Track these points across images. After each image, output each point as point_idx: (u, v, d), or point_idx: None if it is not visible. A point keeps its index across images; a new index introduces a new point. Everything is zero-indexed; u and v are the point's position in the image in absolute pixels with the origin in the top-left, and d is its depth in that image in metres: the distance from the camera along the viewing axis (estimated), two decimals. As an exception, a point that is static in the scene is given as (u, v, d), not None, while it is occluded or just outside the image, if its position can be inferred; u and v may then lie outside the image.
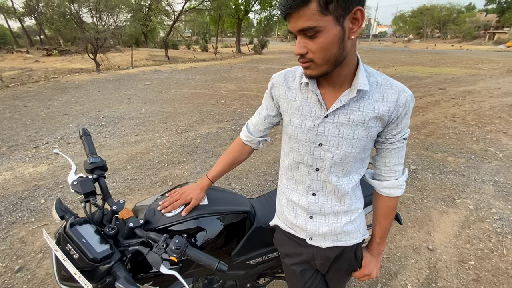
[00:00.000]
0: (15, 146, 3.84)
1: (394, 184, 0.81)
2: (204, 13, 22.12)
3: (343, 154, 0.76)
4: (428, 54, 21.91)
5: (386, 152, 0.79)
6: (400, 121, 0.73)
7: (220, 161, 1.05)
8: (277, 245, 1.03)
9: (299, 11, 0.57)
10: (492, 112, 5.42)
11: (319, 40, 0.60)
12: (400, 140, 0.76)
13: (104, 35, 12.35)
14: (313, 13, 0.57)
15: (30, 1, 25.13)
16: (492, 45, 38.16)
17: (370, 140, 0.75)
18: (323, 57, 0.63)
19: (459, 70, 11.77)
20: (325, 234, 0.87)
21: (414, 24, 58.57)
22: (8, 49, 21.31)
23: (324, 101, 0.74)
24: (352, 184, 0.82)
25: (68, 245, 0.76)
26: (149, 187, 2.84)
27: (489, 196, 2.66)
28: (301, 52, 0.63)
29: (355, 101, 0.71)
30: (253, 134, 1.00)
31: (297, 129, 0.79)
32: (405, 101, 0.71)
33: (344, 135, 0.73)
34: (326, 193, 0.83)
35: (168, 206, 0.94)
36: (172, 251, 0.76)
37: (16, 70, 12.15)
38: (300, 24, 0.59)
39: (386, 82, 0.72)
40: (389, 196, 0.84)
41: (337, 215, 0.86)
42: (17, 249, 2.01)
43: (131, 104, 6.18)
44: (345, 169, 0.79)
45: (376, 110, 0.71)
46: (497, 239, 2.11)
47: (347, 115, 0.72)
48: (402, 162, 0.81)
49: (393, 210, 0.86)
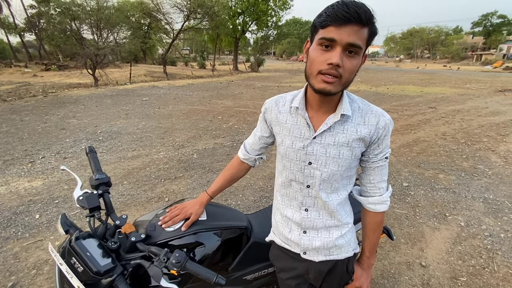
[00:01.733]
0: (11, 161, 3.83)
1: (379, 200, 0.88)
2: (203, 32, 22.77)
3: (330, 172, 0.82)
4: (419, 74, 22.66)
5: (370, 170, 0.86)
6: (380, 142, 0.80)
7: (219, 178, 1.11)
8: (273, 260, 1.07)
9: (358, 27, 0.63)
10: (481, 131, 5.60)
11: (354, 61, 0.67)
12: (382, 159, 0.83)
13: (104, 51, 12.58)
14: (364, 36, 0.65)
15: (31, 18, 25.65)
16: (479, 66, 39.65)
17: (355, 159, 0.83)
18: (348, 77, 0.69)
19: (448, 89, 12.18)
20: (318, 248, 0.92)
21: (404, 45, 60.89)
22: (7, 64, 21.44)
23: (312, 124, 0.81)
24: (340, 200, 0.88)
25: (73, 258, 0.79)
26: (145, 203, 2.84)
27: (479, 213, 2.73)
28: (338, 63, 0.64)
29: (340, 124, 0.79)
30: (250, 153, 1.09)
31: (288, 149, 0.86)
32: (384, 124, 0.79)
33: (330, 154, 0.81)
34: (317, 208, 0.89)
35: (168, 221, 0.98)
36: (173, 264, 0.79)
37: (13, 84, 12.19)
38: (353, 38, 0.64)
39: (367, 108, 0.81)
40: (375, 211, 0.89)
41: (328, 230, 0.91)
42: (10, 265, 1.98)
43: (129, 119, 6.23)
44: (333, 186, 0.86)
45: (359, 132, 0.78)
46: (488, 255, 2.15)
47: (332, 136, 0.80)
48: (386, 179, 0.88)
49: (379, 225, 0.92)
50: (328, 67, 0.65)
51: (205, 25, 19.87)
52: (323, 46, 0.66)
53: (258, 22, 25.54)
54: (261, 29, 26.89)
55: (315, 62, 0.68)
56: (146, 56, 28.39)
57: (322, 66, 0.66)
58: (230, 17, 23.46)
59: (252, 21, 25.34)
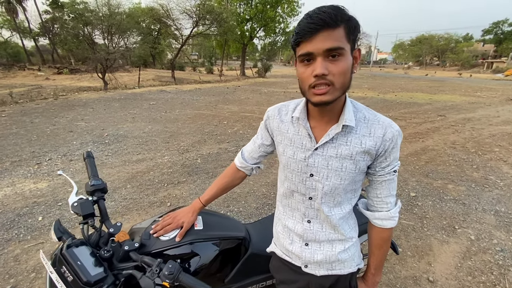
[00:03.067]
0: (18, 162, 3.89)
1: (386, 216, 0.83)
2: (211, 38, 23.06)
3: (332, 185, 0.79)
4: (428, 81, 22.40)
5: (377, 184, 0.81)
6: (388, 155, 0.75)
7: (213, 186, 1.09)
8: (273, 272, 1.03)
9: (329, 31, 0.61)
10: (492, 140, 5.45)
11: (340, 63, 0.64)
12: (390, 172, 0.78)
13: (114, 56, 12.84)
14: (341, 36, 0.63)
15: (46, 23, 26.46)
16: (490, 74, 38.98)
17: (359, 173, 0.78)
18: (341, 81, 0.65)
19: (458, 97, 11.98)
20: (320, 262, 0.88)
21: (413, 52, 60.44)
22: (21, 67, 22.11)
23: (314, 135, 0.78)
24: (343, 214, 0.85)
25: (63, 267, 0.77)
26: (147, 207, 2.83)
27: (490, 226, 2.62)
28: (323, 72, 0.63)
29: (343, 135, 0.75)
30: (247, 161, 1.05)
31: (290, 160, 0.84)
32: (392, 136, 0.73)
33: (332, 167, 0.77)
34: (320, 220, 0.86)
35: (160, 230, 0.96)
36: (165, 276, 0.76)
37: (26, 87, 12.53)
38: (328, 43, 0.62)
39: (374, 118, 0.76)
40: (382, 227, 0.85)
41: (331, 243, 0.87)
42: (10, 268, 1.98)
43: (135, 123, 6.30)
44: (336, 200, 0.82)
45: (363, 145, 0.74)
46: (499, 271, 2.05)
47: (335, 148, 0.75)
48: (394, 194, 0.83)
49: (386, 241, 0.87)
50: (315, 79, 0.65)
51: (214, 31, 20.13)
52: (305, 62, 0.67)
53: (266, 28, 25.72)
54: (268, 35, 27.03)
55: (303, 78, 0.68)
56: (155, 61, 28.86)
57: (310, 80, 0.66)
58: (238, 23, 23.71)
59: (260, 27, 25.55)
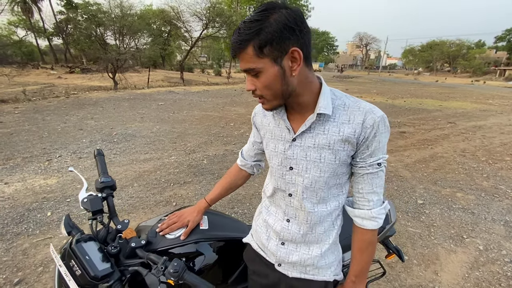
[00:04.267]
0: (29, 158, 3.99)
1: (366, 215, 0.76)
2: (220, 40, 23.26)
3: (312, 178, 0.76)
4: (438, 87, 22.08)
5: (358, 177, 0.76)
6: (370, 144, 0.70)
7: (218, 185, 1.09)
8: (247, 260, 1.03)
9: (240, 54, 0.64)
10: (503, 149, 5.33)
11: (261, 79, 0.65)
12: (372, 165, 0.72)
13: (125, 56, 13.06)
14: (250, 57, 0.63)
15: (60, 23, 27.12)
16: (503, 81, 38.18)
17: (341, 164, 0.74)
18: (269, 93, 0.68)
19: (469, 104, 11.77)
20: (294, 263, 0.86)
21: (423, 58, 59.68)
22: (34, 65, 22.63)
23: (292, 126, 0.77)
24: (328, 211, 0.81)
25: (72, 261, 0.79)
26: (153, 206, 2.86)
27: (499, 237, 2.56)
28: (251, 89, 0.69)
29: (320, 124, 0.73)
30: (246, 159, 1.07)
31: (271, 153, 0.84)
32: (373, 122, 0.68)
33: (311, 158, 0.75)
34: (298, 221, 0.83)
35: (166, 229, 0.97)
36: (170, 274, 0.77)
37: (39, 85, 12.83)
38: (243, 65, 0.65)
39: (354, 104, 0.72)
40: (362, 227, 0.78)
41: (308, 245, 0.85)
42: (18, 261, 2.03)
43: (144, 122, 6.38)
44: (319, 195, 0.78)
45: (341, 133, 0.70)
46: (508, 283, 2.00)
47: (313, 138, 0.74)
48: (378, 191, 0.76)
49: (369, 245, 0.79)
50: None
51: (223, 33, 20.29)
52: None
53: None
54: (277, 39, 27.16)
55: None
56: (165, 62, 29.23)
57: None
58: (247, 26, 23.84)
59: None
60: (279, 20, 0.60)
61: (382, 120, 0.69)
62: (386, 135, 0.71)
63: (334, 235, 0.85)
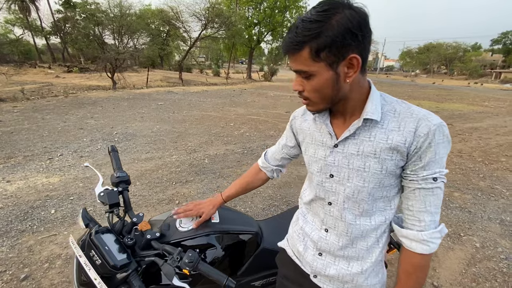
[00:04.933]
0: (31, 156, 4.00)
1: (415, 236, 0.67)
2: (219, 41, 23.29)
3: (354, 187, 0.71)
4: (435, 89, 22.27)
5: (408, 192, 0.68)
6: (423, 155, 0.62)
7: (235, 183, 1.12)
8: (279, 263, 1.01)
9: (294, 55, 0.61)
10: (499, 150, 5.42)
11: (312, 82, 0.63)
12: (426, 179, 0.63)
13: (124, 56, 13.04)
14: (305, 59, 0.60)
15: (58, 22, 27.00)
16: (498, 84, 38.59)
17: (388, 175, 0.67)
18: (318, 97, 0.65)
19: (465, 106, 11.90)
20: (331, 277, 0.80)
21: (420, 60, 60.14)
22: (32, 64, 22.50)
23: (335, 131, 0.74)
24: (372, 227, 0.73)
25: (92, 251, 0.83)
26: (156, 204, 2.89)
27: (495, 235, 2.63)
28: (298, 89, 0.67)
29: (366, 130, 0.68)
30: (269, 162, 1.06)
31: (311, 159, 0.81)
32: (428, 131, 0.61)
33: (354, 166, 0.70)
34: (338, 232, 0.78)
35: (181, 213, 1.02)
36: (186, 264, 0.81)
37: (37, 84, 12.77)
38: (294, 65, 0.63)
39: (406, 110, 0.65)
40: (411, 250, 0.68)
41: (348, 261, 0.78)
42: (24, 258, 2.05)
43: (144, 122, 6.40)
44: (361, 207, 0.72)
45: (389, 140, 0.64)
46: (503, 279, 2.06)
47: (357, 145, 0.69)
48: (433, 211, 0.65)
49: (417, 269, 0.69)
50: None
51: (222, 34, 20.33)
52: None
53: (274, 32, 25.93)
54: (276, 40, 27.24)
55: None
56: (163, 62, 29.18)
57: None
58: (246, 27, 23.93)
59: (268, 31, 25.76)
60: (342, 23, 0.55)
61: (439, 128, 0.61)
62: (444, 145, 0.62)
63: (378, 254, 0.77)
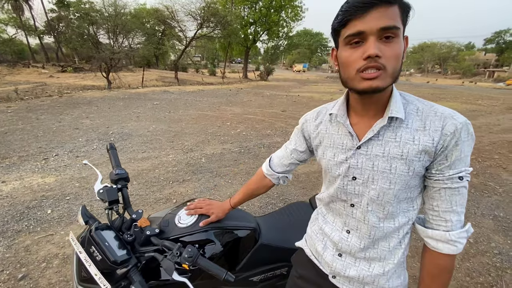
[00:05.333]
0: (26, 157, 3.96)
1: (441, 237, 0.66)
2: (214, 40, 23.26)
3: (380, 190, 0.68)
4: (429, 88, 22.50)
5: (433, 192, 0.66)
6: (449, 154, 0.61)
7: (241, 190, 1.13)
8: (295, 263, 0.98)
9: (384, 8, 0.55)
10: (492, 148, 5.51)
11: (394, 46, 0.57)
12: (451, 178, 0.62)
13: (119, 55, 12.95)
14: (397, 14, 0.56)
15: (51, 21, 26.69)
16: (492, 82, 39.14)
17: (415, 176, 0.65)
18: (394, 66, 0.58)
19: (459, 105, 12.06)
20: (351, 278, 0.79)
21: (415, 59, 60.73)
22: (25, 64, 22.22)
23: (356, 132, 0.70)
24: (395, 228, 0.72)
25: (93, 247, 0.84)
26: (153, 203, 2.89)
27: (488, 230, 2.68)
28: (378, 53, 0.55)
29: (391, 131, 0.65)
30: (275, 168, 1.00)
31: (329, 162, 0.77)
32: (454, 129, 0.60)
33: (379, 168, 0.66)
34: (360, 234, 0.75)
35: (192, 210, 1.05)
36: (185, 259, 0.82)
37: (31, 84, 12.62)
38: (384, 22, 0.54)
39: (429, 109, 0.64)
40: (436, 251, 0.67)
41: (369, 262, 0.76)
42: (21, 257, 2.04)
43: (140, 122, 6.37)
44: (386, 209, 0.69)
45: (416, 141, 0.62)
46: (497, 273, 2.11)
47: (381, 146, 0.66)
48: (459, 211, 0.65)
49: (443, 271, 0.68)
50: (366, 61, 0.56)
51: (218, 33, 20.30)
52: (353, 44, 0.58)
53: (269, 32, 25.97)
54: (272, 39, 27.32)
55: (349, 62, 0.59)
56: (159, 62, 29.05)
57: (359, 64, 0.57)
58: (242, 27, 23.92)
59: (264, 31, 25.78)
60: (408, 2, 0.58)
61: (465, 126, 0.60)
62: (469, 143, 0.61)
63: (401, 255, 0.75)
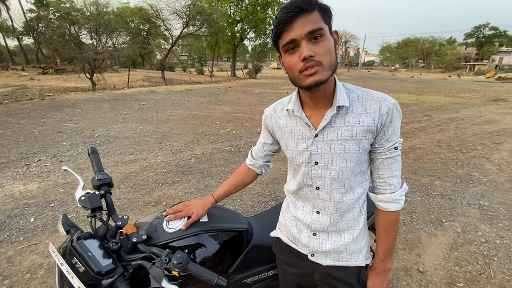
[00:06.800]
0: (6, 163, 3.79)
1: (389, 198, 0.80)
2: (201, 39, 22.97)
3: (339, 169, 0.79)
4: (414, 83, 23.02)
5: (378, 163, 0.80)
6: (386, 129, 0.75)
7: (225, 183, 1.13)
8: (277, 251, 1.06)
9: (306, 15, 0.65)
10: (475, 139, 5.68)
11: (324, 43, 0.67)
12: (390, 149, 0.77)
13: (102, 56, 12.61)
14: (318, 18, 0.66)
15: (30, 21, 25.69)
16: (473, 76, 40.42)
17: (364, 152, 0.78)
18: (329, 60, 0.68)
19: (443, 98, 12.39)
20: (328, 252, 0.88)
21: (399, 55, 62.00)
22: (3, 66, 21.35)
23: (312, 122, 0.80)
24: (355, 198, 0.83)
25: (75, 258, 0.79)
26: (142, 207, 2.82)
27: (475, 220, 2.75)
28: (311, 54, 0.65)
29: (340, 117, 0.76)
30: (256, 159, 1.10)
31: (293, 152, 0.86)
32: (388, 109, 0.73)
33: (336, 150, 0.77)
34: (328, 212, 0.85)
35: (171, 215, 1.01)
36: (174, 265, 0.79)
37: (10, 87, 12.12)
38: (309, 27, 0.65)
39: (367, 95, 0.77)
40: (386, 210, 0.82)
41: (340, 233, 0.87)
42: (3, 269, 1.94)
43: (126, 123, 6.22)
44: (346, 185, 0.81)
45: (361, 123, 0.74)
46: (484, 261, 2.17)
47: (335, 131, 0.77)
48: (398, 174, 0.80)
49: (393, 224, 0.84)
50: (304, 62, 0.67)
51: (204, 31, 20.08)
52: (290, 50, 0.69)
53: (257, 30, 25.86)
54: (259, 37, 27.20)
55: (292, 66, 0.70)
56: (144, 61, 28.48)
57: (299, 66, 0.68)
58: (228, 25, 23.75)
59: (251, 29, 25.67)
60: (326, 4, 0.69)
61: (395, 106, 0.74)
62: (399, 119, 0.76)
63: (363, 220, 0.89)
